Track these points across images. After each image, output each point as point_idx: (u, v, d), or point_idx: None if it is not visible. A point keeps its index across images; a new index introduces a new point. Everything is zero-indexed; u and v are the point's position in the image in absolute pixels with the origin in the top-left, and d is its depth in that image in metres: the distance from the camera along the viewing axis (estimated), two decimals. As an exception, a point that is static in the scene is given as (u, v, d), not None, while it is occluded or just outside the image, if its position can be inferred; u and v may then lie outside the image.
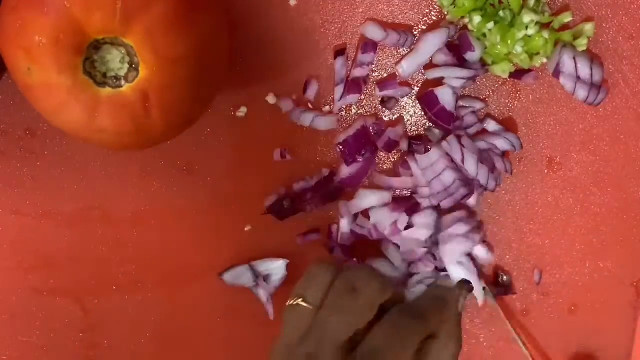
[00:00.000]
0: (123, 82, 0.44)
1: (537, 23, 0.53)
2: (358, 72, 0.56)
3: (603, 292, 0.60)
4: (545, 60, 0.54)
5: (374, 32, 0.56)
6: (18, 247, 0.59)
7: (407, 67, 0.56)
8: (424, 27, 0.56)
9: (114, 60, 0.44)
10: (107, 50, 0.44)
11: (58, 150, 0.58)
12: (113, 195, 0.58)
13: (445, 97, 0.55)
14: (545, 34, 0.53)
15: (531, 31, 0.53)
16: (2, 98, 0.58)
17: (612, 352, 0.61)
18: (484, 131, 0.57)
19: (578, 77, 0.54)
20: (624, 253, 0.59)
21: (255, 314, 0.59)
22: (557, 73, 0.54)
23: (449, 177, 0.54)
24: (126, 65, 0.44)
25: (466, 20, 0.54)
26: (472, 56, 0.54)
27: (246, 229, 0.59)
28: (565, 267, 0.60)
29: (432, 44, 0.55)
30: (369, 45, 0.56)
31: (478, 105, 0.57)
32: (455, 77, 0.54)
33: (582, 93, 0.54)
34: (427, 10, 0.56)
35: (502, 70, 0.54)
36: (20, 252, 0.59)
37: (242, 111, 0.57)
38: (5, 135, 0.58)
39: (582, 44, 0.54)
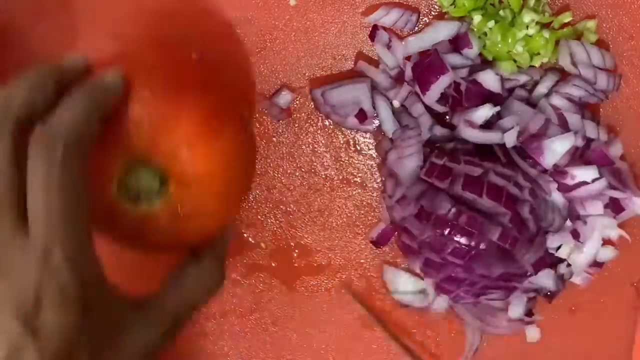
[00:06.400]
0: (154, 199, 0.45)
1: (537, 23, 0.53)
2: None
3: (603, 292, 0.60)
4: (545, 60, 0.54)
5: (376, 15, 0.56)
6: (18, 247, 0.59)
7: (409, 45, 0.55)
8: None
9: (146, 179, 0.45)
10: (138, 169, 0.45)
11: (58, 150, 0.58)
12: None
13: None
14: (546, 34, 0.53)
15: (532, 31, 0.53)
16: (2, 98, 0.58)
17: (612, 352, 0.61)
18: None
19: (594, 66, 0.54)
20: (623, 253, 0.59)
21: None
22: (574, 64, 0.54)
23: None
24: (157, 183, 0.45)
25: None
26: (469, 53, 0.54)
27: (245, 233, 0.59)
28: (565, 267, 0.60)
29: (440, 33, 0.54)
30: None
31: (523, 79, 0.55)
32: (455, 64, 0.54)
33: (603, 80, 0.54)
34: (426, 10, 0.56)
35: (505, 69, 0.54)
36: (20, 252, 0.59)
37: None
38: (5, 135, 0.58)
39: (591, 38, 0.55)
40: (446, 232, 0.52)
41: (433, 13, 0.56)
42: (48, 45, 0.57)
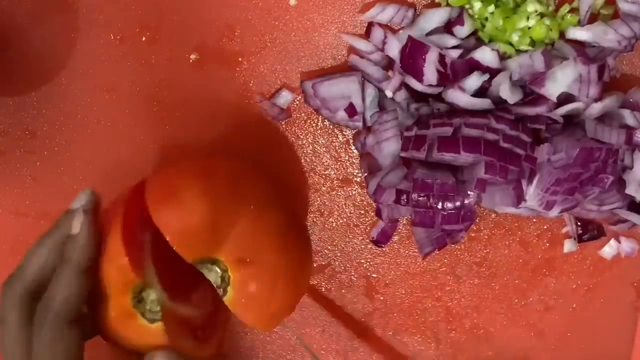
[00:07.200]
0: (221, 291, 0.47)
1: (539, 13, 0.53)
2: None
3: (603, 292, 0.60)
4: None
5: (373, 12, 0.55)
6: (18, 247, 0.59)
7: (402, 38, 0.54)
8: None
9: (211, 275, 0.48)
10: (204, 267, 0.48)
11: (58, 150, 0.58)
12: (113, 195, 0.58)
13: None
14: (547, 21, 0.53)
15: (532, 22, 0.53)
16: (2, 98, 0.58)
17: (612, 352, 0.61)
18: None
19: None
20: (624, 253, 0.59)
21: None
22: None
23: None
24: (219, 278, 0.48)
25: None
26: (461, 31, 0.53)
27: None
28: (566, 266, 0.60)
29: (432, 20, 0.54)
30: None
31: None
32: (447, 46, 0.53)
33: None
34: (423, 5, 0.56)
35: (505, 49, 0.54)
36: (20, 252, 0.59)
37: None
38: (5, 135, 0.58)
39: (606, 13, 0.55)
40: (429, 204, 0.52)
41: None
42: (48, 45, 0.57)
